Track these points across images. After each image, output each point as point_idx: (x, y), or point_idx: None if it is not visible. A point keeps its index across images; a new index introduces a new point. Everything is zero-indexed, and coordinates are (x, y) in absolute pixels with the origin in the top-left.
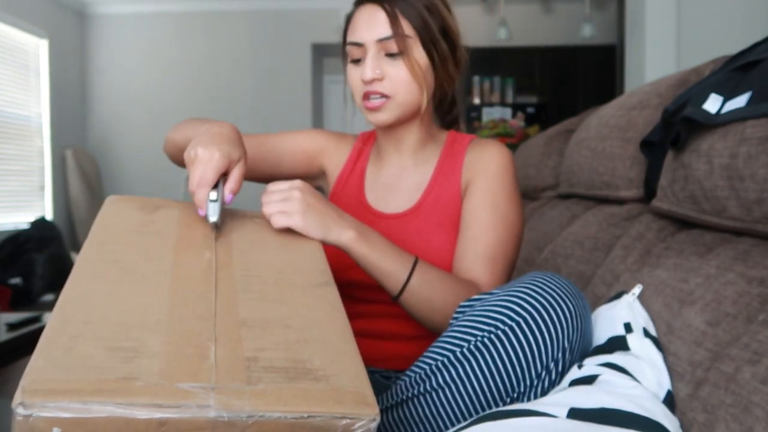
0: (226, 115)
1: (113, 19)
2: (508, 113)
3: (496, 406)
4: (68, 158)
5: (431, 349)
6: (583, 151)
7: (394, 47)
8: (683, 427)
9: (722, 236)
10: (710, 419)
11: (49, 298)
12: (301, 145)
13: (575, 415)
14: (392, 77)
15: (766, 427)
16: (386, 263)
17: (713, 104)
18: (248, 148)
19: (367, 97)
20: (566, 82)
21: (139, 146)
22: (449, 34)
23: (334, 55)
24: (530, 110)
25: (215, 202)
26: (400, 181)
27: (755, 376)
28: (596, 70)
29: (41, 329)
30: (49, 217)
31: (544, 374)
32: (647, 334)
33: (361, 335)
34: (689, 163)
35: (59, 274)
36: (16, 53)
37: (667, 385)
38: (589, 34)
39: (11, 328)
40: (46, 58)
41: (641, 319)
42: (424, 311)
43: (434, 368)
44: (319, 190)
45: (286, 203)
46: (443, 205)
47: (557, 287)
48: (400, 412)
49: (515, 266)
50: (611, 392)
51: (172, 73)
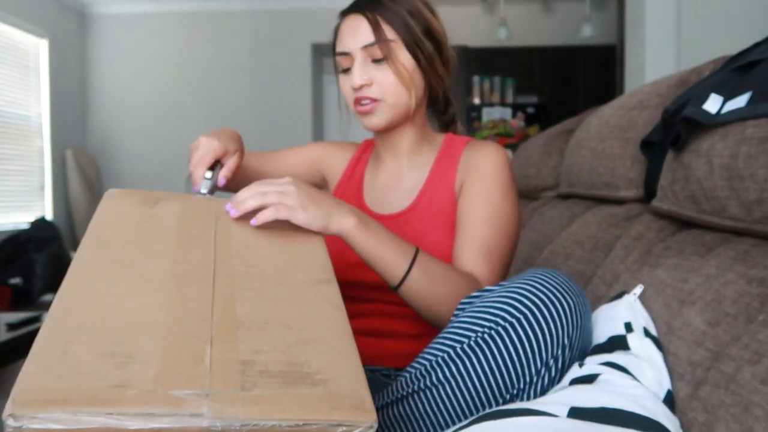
0: (225, 114)
1: (113, 19)
2: (508, 113)
3: (495, 402)
4: (68, 158)
5: (431, 345)
6: (583, 151)
7: (378, 53)
8: (683, 427)
9: (722, 236)
10: (710, 419)
11: (49, 298)
12: (303, 161)
13: (576, 414)
14: (380, 82)
15: (766, 427)
16: (388, 252)
17: (713, 104)
18: (252, 163)
19: (358, 102)
20: (566, 82)
21: (139, 146)
22: (434, 34)
23: None
24: (530, 110)
25: (209, 180)
26: (397, 183)
27: (755, 376)
28: (596, 70)
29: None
30: (49, 217)
31: (543, 371)
32: (648, 333)
33: (361, 334)
34: (689, 163)
35: (59, 274)
36: (16, 53)
37: (667, 384)
38: (589, 34)
39: (11, 328)
40: (46, 58)
41: (642, 318)
42: (424, 302)
43: (434, 365)
44: None
45: (285, 197)
46: (438, 204)
47: (557, 284)
48: (399, 408)
49: (513, 262)
50: (612, 392)
51: (172, 73)
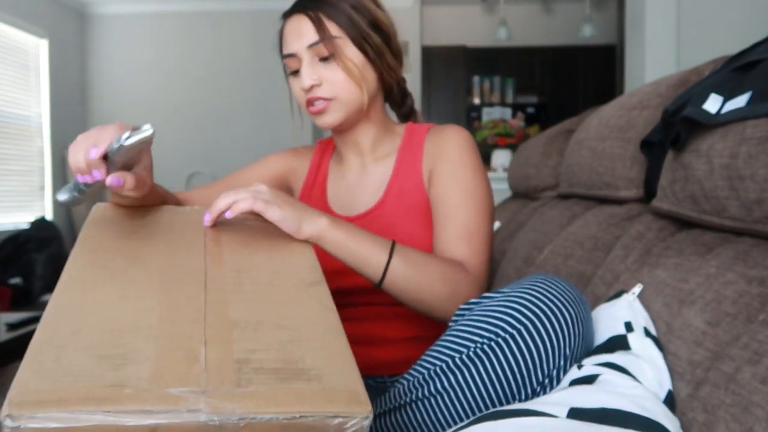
0: (226, 114)
1: (113, 19)
2: (508, 113)
3: None
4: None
5: (429, 353)
6: (583, 151)
7: (324, 51)
8: (683, 427)
9: (722, 236)
10: (710, 419)
11: (48, 298)
12: (266, 174)
13: (575, 414)
14: (329, 80)
15: (766, 427)
16: (364, 248)
17: (713, 104)
18: (209, 194)
19: (310, 103)
20: (566, 82)
21: None
22: (380, 26)
23: None
24: (530, 110)
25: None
26: (362, 180)
27: (755, 376)
28: (596, 70)
29: None
30: (49, 217)
31: (546, 382)
32: (648, 333)
33: (350, 342)
34: (689, 163)
35: (59, 274)
36: (16, 53)
37: (667, 384)
38: (589, 34)
39: (11, 328)
40: (46, 58)
41: (641, 318)
42: (411, 293)
43: (432, 374)
44: None
45: (260, 194)
46: (408, 195)
47: (558, 293)
48: (397, 416)
49: (513, 262)
50: (611, 392)
51: (172, 73)
